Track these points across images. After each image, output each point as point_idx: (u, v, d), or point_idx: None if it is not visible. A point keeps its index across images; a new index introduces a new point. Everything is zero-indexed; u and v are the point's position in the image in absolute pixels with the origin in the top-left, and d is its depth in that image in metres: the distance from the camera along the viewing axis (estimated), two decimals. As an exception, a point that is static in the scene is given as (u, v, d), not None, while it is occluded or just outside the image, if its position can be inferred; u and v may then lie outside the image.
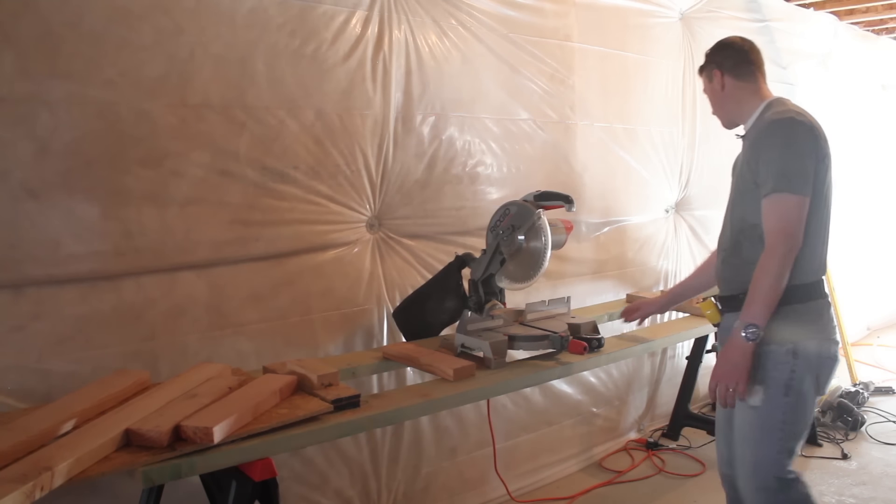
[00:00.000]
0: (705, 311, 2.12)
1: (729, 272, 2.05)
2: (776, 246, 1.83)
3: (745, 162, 1.98)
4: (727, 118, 2.15)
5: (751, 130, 2.03)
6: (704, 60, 2.17)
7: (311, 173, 2.38)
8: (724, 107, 2.13)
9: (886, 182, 5.86)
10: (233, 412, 1.57)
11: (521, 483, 3.11)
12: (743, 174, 1.99)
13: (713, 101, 2.17)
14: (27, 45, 1.83)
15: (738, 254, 1.99)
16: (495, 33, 2.90)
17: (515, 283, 2.34)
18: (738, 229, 2.00)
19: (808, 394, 1.90)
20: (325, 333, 2.47)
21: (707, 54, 2.17)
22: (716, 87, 2.11)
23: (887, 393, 4.31)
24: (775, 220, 1.84)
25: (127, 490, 1.91)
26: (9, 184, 1.83)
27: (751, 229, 1.94)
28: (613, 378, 3.57)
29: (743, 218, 1.98)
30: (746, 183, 1.96)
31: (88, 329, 1.97)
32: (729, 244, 2.05)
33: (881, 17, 5.29)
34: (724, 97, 2.11)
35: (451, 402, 2.03)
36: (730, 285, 2.05)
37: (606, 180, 3.42)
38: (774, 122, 1.91)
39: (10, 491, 1.22)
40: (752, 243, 1.93)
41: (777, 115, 1.92)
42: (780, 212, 1.83)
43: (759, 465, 1.92)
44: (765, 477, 1.92)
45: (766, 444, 1.91)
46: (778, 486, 1.92)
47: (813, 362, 1.89)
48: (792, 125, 1.87)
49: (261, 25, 2.25)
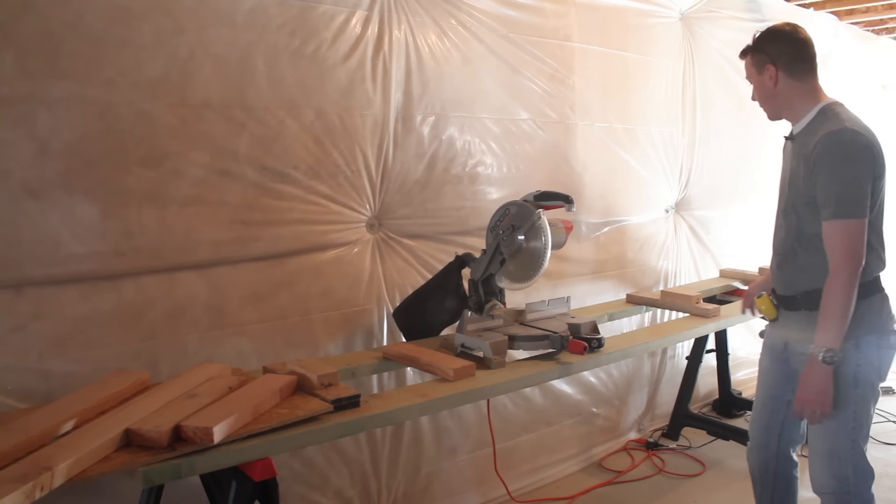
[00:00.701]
0: (761, 307, 2.18)
1: (786, 276, 2.11)
2: (842, 269, 1.89)
3: (802, 175, 1.97)
4: (774, 113, 2.11)
5: (802, 136, 2.01)
6: (754, 46, 2.08)
7: (311, 173, 2.38)
8: (772, 102, 2.08)
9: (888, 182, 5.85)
10: (233, 412, 1.57)
11: (521, 483, 3.11)
12: (798, 185, 1.99)
13: (760, 94, 2.10)
14: (27, 45, 1.83)
15: (794, 260, 2.06)
16: (495, 33, 2.90)
17: (515, 283, 2.34)
18: (794, 237, 2.05)
19: (874, 383, 2.01)
20: (325, 333, 2.47)
21: (759, 41, 2.08)
22: (766, 81, 2.05)
23: (887, 393, 4.31)
24: (839, 245, 1.89)
25: (127, 490, 1.91)
26: (9, 184, 1.83)
27: (807, 239, 2.00)
28: (613, 378, 3.57)
29: (799, 227, 2.02)
30: (802, 196, 1.98)
31: (88, 329, 1.97)
32: (784, 249, 2.10)
33: (881, 17, 5.28)
34: (776, 93, 2.05)
35: (451, 402, 2.03)
36: (786, 288, 2.12)
37: (606, 180, 3.42)
38: (833, 141, 1.89)
39: (10, 491, 1.22)
40: (808, 252, 2.01)
41: (835, 135, 1.90)
42: (842, 237, 1.88)
43: (835, 455, 2.02)
44: (842, 467, 2.02)
45: (841, 435, 2.01)
46: (855, 477, 2.02)
47: (874, 354, 1.99)
48: (852, 144, 1.88)
49: (261, 25, 2.25)
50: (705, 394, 4.14)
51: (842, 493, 2.03)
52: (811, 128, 1.99)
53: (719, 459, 3.45)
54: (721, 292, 3.55)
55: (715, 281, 3.76)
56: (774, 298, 2.18)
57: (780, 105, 2.07)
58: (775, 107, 2.09)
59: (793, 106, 2.05)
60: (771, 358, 2.26)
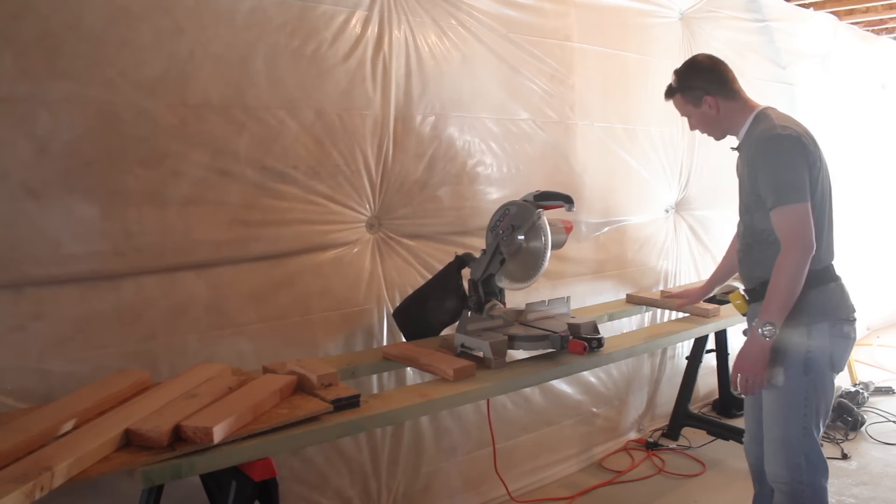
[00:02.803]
0: (734, 302, 2.31)
1: (745, 269, 2.26)
2: (789, 249, 2.00)
3: (746, 175, 2.14)
4: (721, 134, 2.27)
5: (744, 143, 2.18)
6: (681, 85, 2.23)
7: (310, 173, 2.38)
8: (718, 127, 2.24)
9: (886, 182, 5.86)
10: (233, 412, 1.57)
11: (521, 483, 3.11)
12: (745, 186, 2.17)
13: (703, 124, 2.25)
14: (27, 45, 1.83)
15: (751, 254, 2.20)
16: (495, 33, 2.90)
17: (515, 283, 2.34)
18: (749, 234, 2.19)
19: (825, 372, 2.08)
20: (325, 333, 2.47)
21: (683, 78, 2.23)
22: (707, 111, 2.20)
23: (887, 393, 4.31)
24: (786, 229, 2.01)
25: (127, 490, 1.91)
26: (9, 184, 1.83)
27: (759, 234, 2.14)
28: (613, 378, 3.57)
29: (751, 224, 2.17)
30: (749, 195, 2.15)
31: (88, 329, 1.97)
32: (743, 245, 2.25)
33: (881, 17, 5.29)
34: (719, 119, 2.21)
35: (451, 402, 2.03)
36: (748, 280, 2.26)
37: (606, 180, 3.42)
38: (763, 140, 2.05)
39: (10, 491, 1.22)
40: (761, 246, 2.13)
41: (765, 133, 2.06)
42: (787, 221, 2.01)
43: (787, 443, 2.09)
44: (794, 455, 2.08)
45: (792, 422, 2.07)
46: (807, 468, 2.07)
47: (826, 341, 2.06)
48: (779, 141, 2.02)
49: (261, 25, 2.25)
50: (705, 394, 4.14)
51: (794, 483, 2.08)
52: (749, 134, 2.15)
53: (719, 459, 3.45)
54: (721, 292, 3.54)
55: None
56: (745, 293, 2.28)
57: (725, 127, 2.23)
58: (721, 130, 2.25)
59: (735, 122, 2.20)
60: None
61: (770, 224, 2.05)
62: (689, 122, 2.30)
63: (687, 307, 2.89)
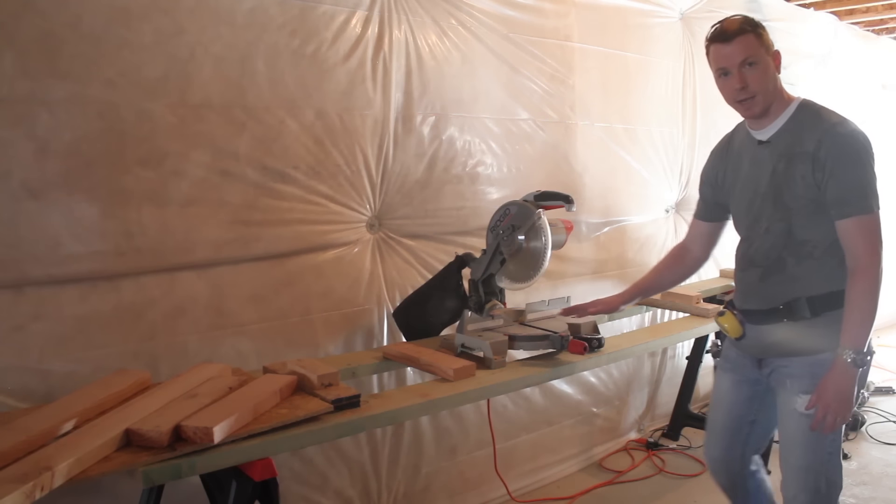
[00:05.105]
0: (724, 325, 2.03)
1: (771, 288, 1.94)
2: (869, 267, 1.79)
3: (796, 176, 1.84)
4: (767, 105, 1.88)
5: (783, 135, 1.88)
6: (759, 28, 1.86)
7: (311, 173, 2.38)
8: (774, 90, 1.88)
9: (886, 182, 5.85)
10: (233, 412, 1.57)
11: (522, 483, 3.11)
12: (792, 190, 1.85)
13: (765, 78, 1.85)
14: (27, 45, 1.83)
15: (783, 270, 1.91)
16: (495, 33, 2.90)
17: (515, 283, 2.34)
18: (782, 245, 1.90)
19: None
20: (325, 333, 2.47)
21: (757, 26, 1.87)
22: (774, 67, 1.88)
23: (887, 393, 4.31)
24: (865, 243, 1.79)
25: (127, 490, 1.91)
26: (9, 184, 1.83)
27: (798, 246, 1.88)
28: (613, 378, 3.57)
29: (789, 233, 1.89)
30: (797, 199, 1.85)
31: (88, 329, 1.97)
32: (767, 261, 1.94)
33: (881, 17, 5.28)
34: (777, 81, 1.88)
35: (451, 402, 2.03)
36: (767, 300, 1.95)
37: (606, 180, 3.42)
38: (843, 132, 1.80)
39: (11, 491, 1.22)
40: (799, 259, 1.88)
41: (843, 127, 1.81)
42: (868, 233, 1.79)
43: (811, 469, 1.92)
44: (816, 479, 1.92)
45: (820, 448, 1.90)
46: (827, 490, 1.92)
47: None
48: (860, 140, 1.81)
49: (261, 25, 2.25)
50: (705, 394, 4.13)
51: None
52: (794, 125, 1.86)
53: (719, 459, 3.45)
54: (721, 292, 3.54)
55: (715, 281, 3.75)
56: (739, 315, 2.01)
57: (773, 97, 1.88)
58: (774, 97, 1.88)
59: (779, 100, 1.89)
60: (733, 378, 2.12)
61: (814, 235, 1.84)
62: (747, 74, 1.84)
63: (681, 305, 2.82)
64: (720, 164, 2.11)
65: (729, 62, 1.87)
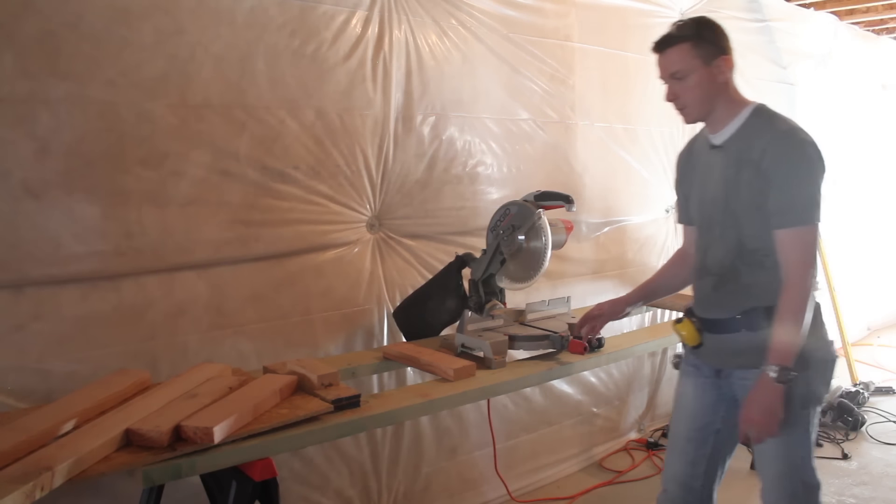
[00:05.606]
0: (682, 333, 1.95)
1: (725, 297, 1.88)
2: (799, 280, 1.72)
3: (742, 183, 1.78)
4: (706, 114, 1.85)
5: (736, 140, 1.81)
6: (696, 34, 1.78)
7: (311, 173, 2.38)
8: (711, 100, 1.82)
9: (886, 182, 5.86)
10: (233, 412, 1.57)
11: (522, 483, 3.11)
12: (738, 196, 1.79)
13: (701, 91, 1.80)
14: (27, 45, 1.83)
15: (736, 279, 1.85)
16: (496, 33, 2.90)
17: (516, 283, 2.34)
18: (735, 253, 1.84)
19: (822, 397, 1.88)
20: (325, 333, 2.47)
21: (699, 28, 1.80)
22: (717, 76, 1.79)
23: (887, 393, 4.31)
24: (799, 255, 1.72)
25: (127, 490, 1.91)
26: (9, 184, 1.83)
27: (749, 254, 1.81)
28: (613, 378, 3.57)
29: (740, 241, 1.82)
30: (743, 206, 1.78)
31: (88, 329, 1.97)
32: (721, 269, 1.87)
33: (881, 17, 5.29)
34: (719, 90, 1.81)
35: (451, 402, 2.03)
36: (724, 309, 1.88)
37: (607, 180, 3.42)
38: (787, 139, 1.73)
39: (11, 491, 1.22)
40: (752, 268, 1.81)
41: (788, 134, 1.74)
42: (802, 245, 1.72)
43: (785, 475, 1.88)
44: (792, 484, 1.88)
45: (793, 455, 1.87)
46: (804, 492, 1.89)
47: (821, 368, 1.84)
48: (804, 147, 1.72)
49: (261, 25, 2.25)
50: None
51: None
52: (746, 130, 1.80)
53: (719, 459, 3.45)
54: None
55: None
56: (698, 322, 1.93)
57: (715, 105, 1.82)
58: (709, 107, 1.82)
59: (726, 106, 1.82)
60: (696, 385, 2.01)
61: (765, 243, 1.76)
62: (676, 86, 1.83)
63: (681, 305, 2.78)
64: (683, 168, 2.05)
65: (661, 73, 1.86)
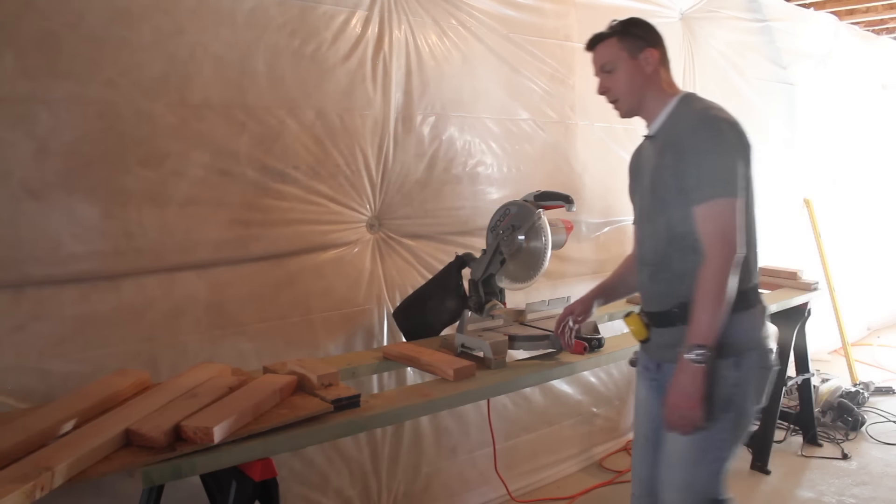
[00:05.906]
0: (630, 327, 1.91)
1: (660, 287, 1.84)
2: (716, 255, 1.66)
3: (665, 166, 1.77)
4: (638, 106, 1.87)
5: (664, 130, 1.82)
6: (623, 30, 1.84)
7: (311, 173, 2.38)
8: (640, 93, 1.84)
9: (886, 182, 5.86)
10: (233, 412, 1.57)
11: (522, 483, 3.11)
12: (663, 180, 1.78)
13: (629, 83, 1.83)
14: (27, 45, 1.83)
15: (668, 267, 1.80)
16: (495, 33, 2.90)
17: (515, 283, 2.34)
18: (665, 240, 1.80)
19: (750, 408, 1.77)
20: (325, 333, 2.47)
21: (626, 25, 1.86)
22: (643, 67, 1.82)
23: (887, 393, 4.31)
24: (712, 227, 1.67)
25: (127, 490, 1.91)
26: (9, 184, 1.83)
27: (679, 239, 1.76)
28: (613, 378, 3.57)
29: (669, 227, 1.78)
30: (669, 189, 1.76)
31: (88, 329, 1.97)
32: (655, 257, 1.84)
33: (881, 17, 5.29)
34: (648, 83, 1.83)
35: (451, 402, 2.03)
36: (661, 301, 1.84)
37: (606, 180, 3.42)
38: (697, 121, 1.74)
39: (11, 491, 1.22)
40: (683, 254, 1.76)
41: (700, 114, 1.75)
42: (716, 218, 1.67)
43: (691, 487, 1.78)
44: (695, 499, 1.78)
45: (703, 464, 1.76)
46: None
47: (754, 374, 1.76)
48: (714, 124, 1.71)
49: (261, 25, 2.25)
50: (705, 394, 4.14)
51: None
52: (674, 119, 1.81)
53: (719, 459, 3.45)
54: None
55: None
56: (644, 317, 1.90)
57: (647, 96, 1.84)
58: (639, 99, 1.84)
59: (656, 97, 1.84)
60: (648, 383, 1.95)
61: (693, 226, 1.70)
62: (606, 79, 1.87)
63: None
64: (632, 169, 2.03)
65: (594, 69, 1.93)
